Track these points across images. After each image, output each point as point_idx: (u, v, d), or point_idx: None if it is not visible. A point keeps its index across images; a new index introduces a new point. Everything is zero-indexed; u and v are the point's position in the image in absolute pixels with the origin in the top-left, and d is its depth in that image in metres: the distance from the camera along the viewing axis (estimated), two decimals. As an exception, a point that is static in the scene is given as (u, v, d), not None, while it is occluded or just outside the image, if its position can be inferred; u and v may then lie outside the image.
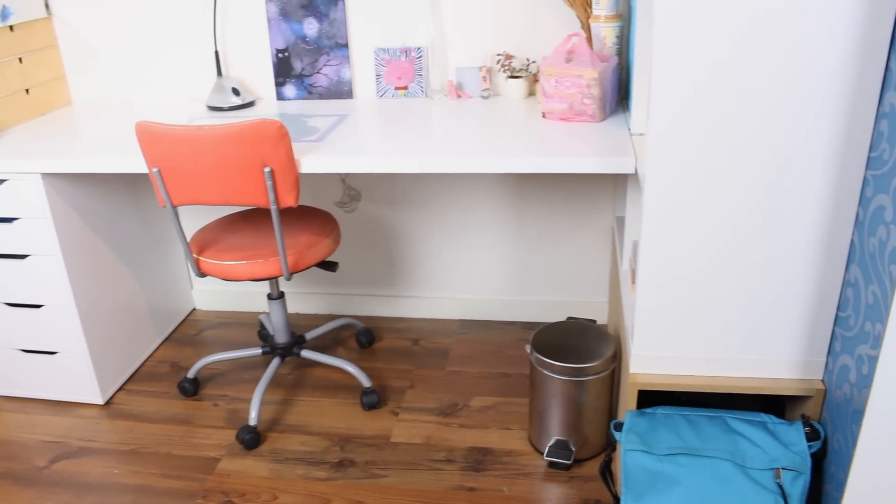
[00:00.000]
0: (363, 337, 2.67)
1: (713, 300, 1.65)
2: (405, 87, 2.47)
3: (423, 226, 2.68)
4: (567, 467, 2.03)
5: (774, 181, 1.52)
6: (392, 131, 2.10)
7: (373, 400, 2.32)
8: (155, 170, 1.92)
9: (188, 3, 2.50)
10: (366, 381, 2.35)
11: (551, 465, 2.04)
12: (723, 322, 1.67)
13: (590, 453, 2.05)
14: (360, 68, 2.48)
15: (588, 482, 1.99)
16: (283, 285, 2.90)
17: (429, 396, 2.39)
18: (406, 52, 2.43)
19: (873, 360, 1.42)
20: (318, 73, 2.50)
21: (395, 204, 2.66)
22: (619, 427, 1.75)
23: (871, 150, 1.47)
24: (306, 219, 2.28)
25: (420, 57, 2.43)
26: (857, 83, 1.43)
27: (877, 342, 1.41)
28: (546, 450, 2.03)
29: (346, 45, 2.45)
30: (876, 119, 1.45)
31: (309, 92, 2.52)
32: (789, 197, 1.53)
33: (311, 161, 1.91)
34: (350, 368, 2.38)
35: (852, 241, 1.54)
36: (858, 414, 1.49)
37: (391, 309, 2.85)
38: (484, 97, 2.41)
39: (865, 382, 1.46)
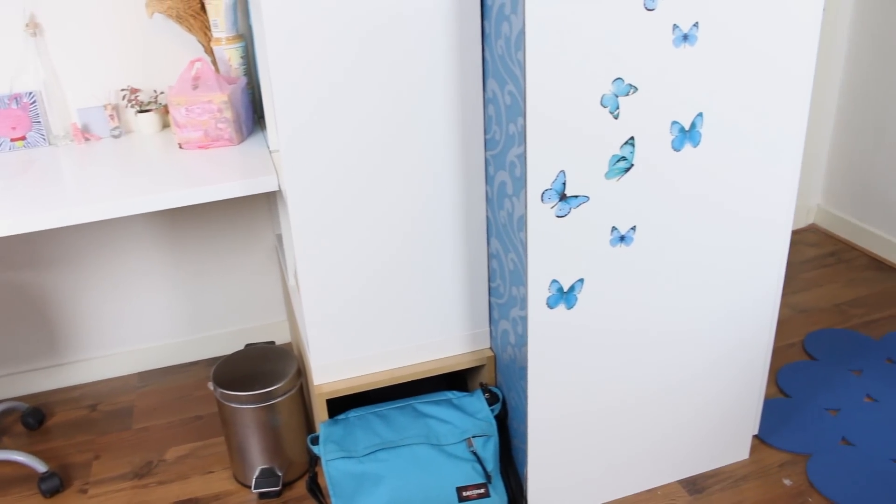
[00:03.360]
0: (30, 418, 2.39)
1: (376, 298, 1.71)
2: (23, 138, 2.24)
3: (77, 283, 2.46)
4: (278, 494, 1.99)
5: (408, 175, 1.61)
6: (16, 187, 1.90)
7: (53, 485, 2.09)
8: None
9: None
10: (41, 467, 2.11)
11: (261, 496, 1.99)
12: (390, 316, 1.74)
13: (298, 474, 2.03)
14: (-37, 124, 2.21)
15: (301, 503, 1.97)
16: (-82, 383, 2.50)
17: (118, 462, 2.21)
18: (16, 98, 2.21)
19: (524, 320, 1.57)
20: None
21: (39, 266, 2.42)
22: (316, 441, 1.75)
23: (485, 132, 1.62)
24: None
25: (34, 102, 2.22)
26: (462, 76, 1.56)
27: (524, 303, 1.56)
28: (253, 482, 1.97)
29: (-62, 101, 2.17)
30: (484, 105, 1.60)
31: None
32: (425, 188, 1.64)
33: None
34: (19, 458, 2.12)
35: (487, 217, 1.69)
36: (523, 370, 1.63)
37: (58, 379, 2.58)
38: (115, 136, 2.26)
39: (522, 341, 1.61)
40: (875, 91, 2.80)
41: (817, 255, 2.95)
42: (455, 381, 2.05)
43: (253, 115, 2.19)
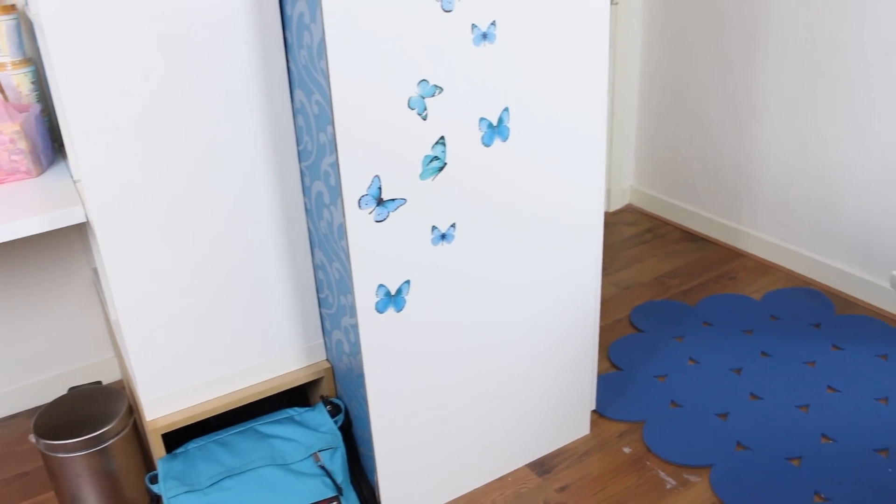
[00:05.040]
0: None
1: (200, 323, 1.65)
2: None
3: None
4: (121, 541, 1.89)
5: (221, 193, 1.57)
6: None
7: None
8: None
9: None
10: None
11: (103, 546, 1.88)
12: (218, 340, 1.69)
13: (141, 516, 1.93)
14: None
15: (147, 546, 1.88)
16: None
17: (-64, 534, 2.02)
18: None
19: (356, 328, 1.56)
20: None
21: None
22: (155, 479, 1.67)
23: (297, 143, 1.60)
24: None
25: None
26: (269, 88, 1.53)
27: (353, 311, 1.55)
28: (91, 533, 1.86)
29: None
30: (294, 116, 1.58)
31: None
32: (240, 205, 1.59)
33: None
34: None
35: (308, 228, 1.67)
36: (361, 378, 1.63)
37: None
38: None
39: (356, 349, 1.60)
40: (670, 76, 2.99)
41: (635, 233, 3.12)
42: (296, 396, 2.01)
43: (52, 144, 2.06)
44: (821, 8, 2.43)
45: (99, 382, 1.98)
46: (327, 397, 1.81)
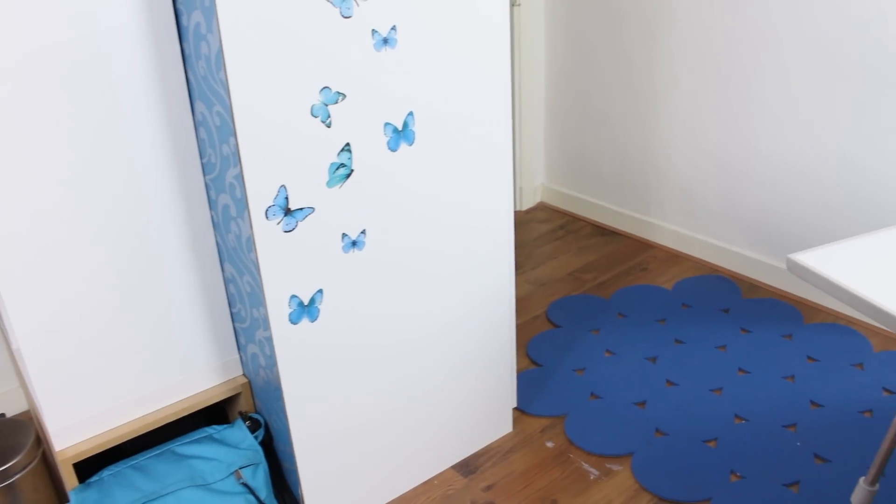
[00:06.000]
0: None
1: (108, 344, 1.60)
2: None
3: None
4: (35, 577, 1.81)
5: (120, 212, 1.52)
6: None
7: None
8: None
9: None
10: None
11: (16, 584, 1.80)
12: (127, 361, 1.64)
13: (56, 550, 1.86)
14: None
15: (64, 580, 1.80)
16: None
17: None
18: None
19: (270, 341, 1.54)
20: None
21: None
22: (68, 510, 1.61)
23: (201, 156, 1.57)
24: None
25: None
26: (168, 100, 1.50)
27: (266, 324, 1.53)
28: (3, 572, 1.78)
29: None
30: (195, 128, 1.55)
31: None
32: (142, 223, 1.55)
33: None
34: None
35: (217, 242, 1.64)
36: (278, 391, 1.61)
37: None
38: None
39: (272, 362, 1.58)
40: (575, 74, 3.05)
41: (548, 230, 3.17)
42: (214, 414, 1.97)
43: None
44: (714, 4, 2.51)
45: (2, 415, 1.90)
46: (246, 413, 1.78)
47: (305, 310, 1.53)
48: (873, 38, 2.18)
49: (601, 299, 2.64)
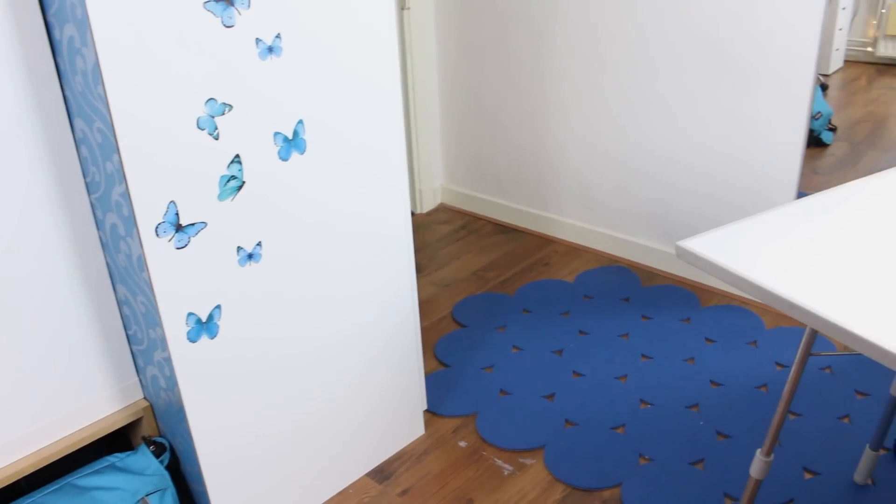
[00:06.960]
0: None
1: None
2: None
3: None
4: None
5: (10, 245, 1.45)
6: None
7: None
8: None
9: None
10: None
11: None
12: (19, 391, 1.56)
13: None
14: None
15: None
16: None
17: None
18: None
19: (169, 361, 1.50)
20: None
21: None
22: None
23: (84, 175, 1.51)
24: None
25: None
26: (44, 119, 1.43)
27: (164, 344, 1.48)
28: None
29: None
30: (76, 146, 1.49)
31: None
32: (23, 251, 1.48)
33: None
34: None
35: (107, 263, 1.58)
36: (181, 412, 1.56)
37: None
38: None
39: (172, 382, 1.53)
40: (467, 75, 3.08)
41: (450, 231, 3.19)
42: (117, 440, 1.90)
43: None
44: (594, 4, 2.58)
45: None
46: (150, 437, 1.73)
47: (204, 327, 1.50)
48: (741, 32, 2.28)
49: (505, 296, 2.67)
